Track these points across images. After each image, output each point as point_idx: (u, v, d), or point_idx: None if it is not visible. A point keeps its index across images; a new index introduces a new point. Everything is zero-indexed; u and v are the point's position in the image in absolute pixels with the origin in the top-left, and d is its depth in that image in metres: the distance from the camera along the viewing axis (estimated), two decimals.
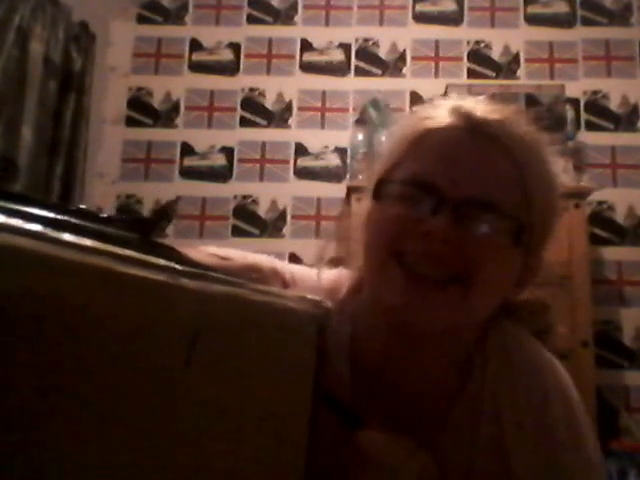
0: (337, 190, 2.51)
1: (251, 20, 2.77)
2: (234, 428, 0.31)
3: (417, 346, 0.62)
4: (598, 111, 2.59)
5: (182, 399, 0.29)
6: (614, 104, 2.59)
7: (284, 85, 2.66)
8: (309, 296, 0.35)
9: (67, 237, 0.27)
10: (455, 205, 0.56)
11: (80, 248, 0.27)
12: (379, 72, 2.69)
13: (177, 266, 0.29)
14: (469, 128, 0.60)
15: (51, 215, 0.29)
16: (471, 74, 2.66)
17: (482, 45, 2.69)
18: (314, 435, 0.36)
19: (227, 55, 2.75)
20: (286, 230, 2.56)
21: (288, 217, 2.57)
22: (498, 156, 0.59)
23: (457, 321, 0.59)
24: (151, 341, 0.28)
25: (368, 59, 2.71)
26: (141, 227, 0.33)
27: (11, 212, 0.27)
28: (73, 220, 0.29)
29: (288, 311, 0.33)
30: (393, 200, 0.60)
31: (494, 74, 2.66)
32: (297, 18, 2.76)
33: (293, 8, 2.77)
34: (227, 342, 0.31)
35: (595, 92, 2.61)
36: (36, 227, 0.26)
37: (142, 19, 2.79)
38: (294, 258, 2.46)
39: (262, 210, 2.58)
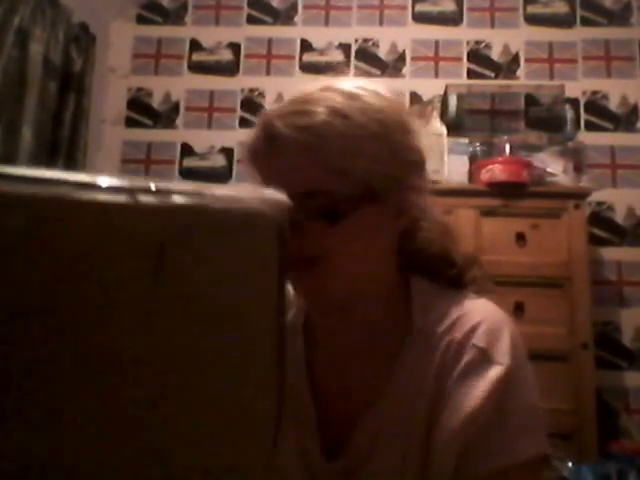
0: None
1: (251, 20, 2.77)
2: (205, 330, 0.33)
3: (338, 312, 0.72)
4: (598, 111, 2.59)
5: (154, 311, 0.30)
6: (614, 104, 2.59)
7: (284, 85, 2.66)
8: (268, 195, 0.36)
9: (14, 170, 0.28)
10: None
11: (30, 180, 0.28)
12: (379, 72, 2.69)
13: (136, 184, 0.30)
14: (266, 137, 0.67)
15: None
16: (471, 74, 2.66)
17: (482, 45, 2.69)
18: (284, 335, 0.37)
19: (227, 55, 2.75)
20: None
21: None
22: (290, 150, 0.65)
23: (336, 290, 0.68)
24: (115, 258, 0.29)
25: (368, 59, 2.70)
26: None
27: None
28: None
29: (248, 213, 0.34)
30: None
31: (494, 74, 2.66)
32: (297, 18, 2.76)
33: (293, 8, 2.77)
34: (192, 252, 0.32)
35: (595, 92, 2.61)
36: None
37: (142, 19, 2.79)
38: None
39: None
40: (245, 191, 0.34)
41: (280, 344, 0.35)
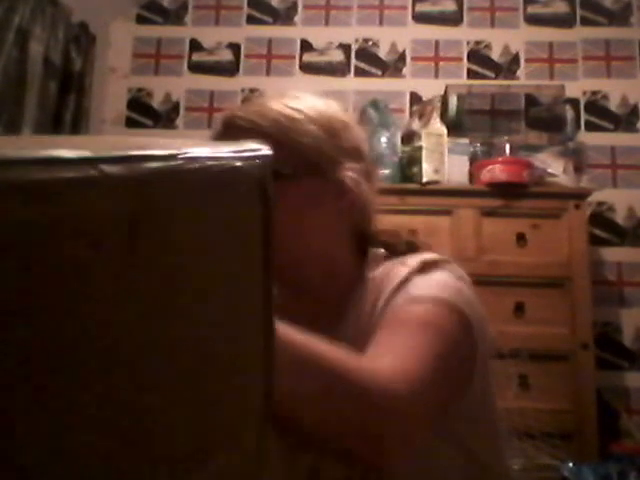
0: None
1: (251, 20, 2.77)
2: (190, 302, 0.30)
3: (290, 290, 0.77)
4: (598, 111, 2.59)
5: (130, 287, 0.27)
6: (614, 104, 2.59)
7: (284, 85, 2.66)
8: (247, 149, 0.33)
9: None
10: None
11: None
12: (379, 73, 2.69)
13: (98, 155, 0.26)
14: (222, 126, 0.77)
15: None
16: (471, 74, 2.66)
17: (482, 45, 2.69)
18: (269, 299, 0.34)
19: (227, 55, 2.75)
20: None
21: None
22: (239, 130, 0.74)
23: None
24: (84, 239, 0.26)
25: (368, 59, 2.70)
26: None
27: None
28: None
29: (226, 171, 0.31)
30: None
31: (494, 74, 2.66)
32: (297, 18, 2.76)
33: (293, 8, 2.77)
34: (168, 223, 0.29)
35: (595, 92, 2.60)
36: None
37: (142, 20, 2.79)
38: None
39: None
40: (223, 148, 0.32)
41: (267, 311, 0.33)
